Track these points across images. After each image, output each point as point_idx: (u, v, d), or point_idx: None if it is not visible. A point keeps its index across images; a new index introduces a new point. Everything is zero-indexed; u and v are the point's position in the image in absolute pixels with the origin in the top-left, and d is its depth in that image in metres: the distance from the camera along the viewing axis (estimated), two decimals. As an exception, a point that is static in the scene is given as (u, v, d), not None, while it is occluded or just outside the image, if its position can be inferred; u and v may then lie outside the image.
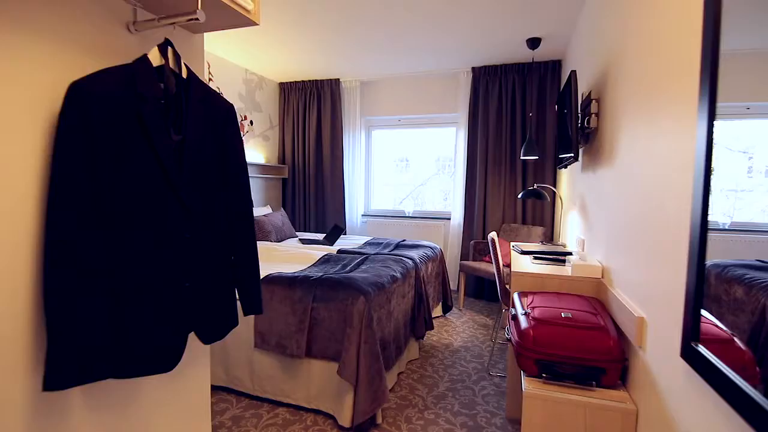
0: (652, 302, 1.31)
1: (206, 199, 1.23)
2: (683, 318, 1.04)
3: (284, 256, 2.95)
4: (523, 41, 3.56)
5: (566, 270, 2.15)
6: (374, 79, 4.74)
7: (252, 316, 2.21)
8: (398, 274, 2.53)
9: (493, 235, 2.72)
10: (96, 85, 0.98)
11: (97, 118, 0.97)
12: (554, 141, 4.05)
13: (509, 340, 1.74)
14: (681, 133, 1.11)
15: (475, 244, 4.11)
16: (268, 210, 4.15)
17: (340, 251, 3.24)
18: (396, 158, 5.15)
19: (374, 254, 3.11)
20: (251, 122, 4.54)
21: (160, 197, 1.09)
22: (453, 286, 4.44)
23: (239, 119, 4.33)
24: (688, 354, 1.01)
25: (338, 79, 4.76)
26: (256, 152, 4.64)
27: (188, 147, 1.17)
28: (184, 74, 1.20)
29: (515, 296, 1.94)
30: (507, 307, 2.67)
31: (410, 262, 2.85)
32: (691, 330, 1.00)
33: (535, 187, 3.15)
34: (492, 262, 3.89)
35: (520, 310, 1.75)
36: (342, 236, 4.14)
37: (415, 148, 5.06)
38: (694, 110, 1.04)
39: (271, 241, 3.69)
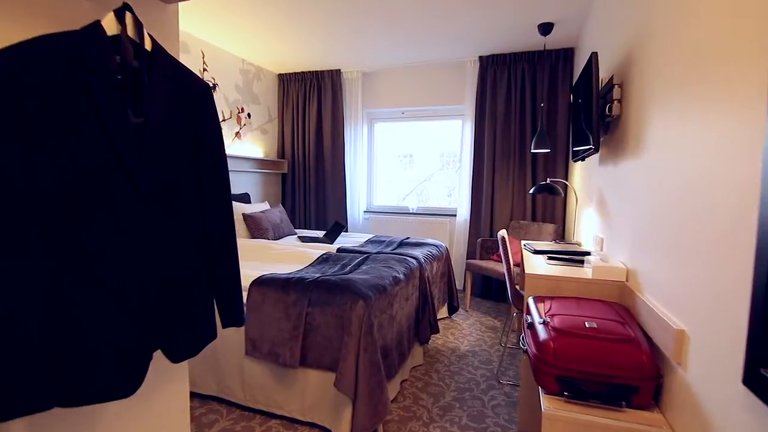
0: (695, 312, 1.12)
1: (174, 192, 1.05)
2: (747, 336, 0.85)
3: (280, 255, 2.78)
4: (535, 27, 3.35)
5: (585, 272, 1.96)
6: (376, 69, 4.55)
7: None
8: (401, 275, 2.35)
9: (503, 233, 2.53)
10: (30, 53, 0.80)
11: (30, 92, 0.79)
12: (566, 133, 3.85)
13: (525, 351, 1.56)
14: (742, 121, 0.92)
15: (482, 241, 3.92)
16: (265, 206, 3.98)
17: (339, 250, 3.07)
18: (399, 152, 4.96)
19: (376, 253, 2.93)
20: (249, 115, 4.36)
21: (112, 187, 0.91)
22: (459, 285, 4.26)
23: (236, 111, 4.16)
24: (755, 381, 0.82)
25: (339, 70, 4.57)
26: (254, 146, 4.47)
27: (152, 131, 0.99)
28: (148, 46, 1.02)
29: (530, 302, 1.75)
30: (518, 311, 2.49)
31: (414, 261, 2.66)
32: (760, 351, 0.82)
33: (547, 181, 2.95)
34: (501, 262, 3.70)
35: (537, 319, 1.56)
36: (343, 234, 3.97)
37: (419, 142, 4.87)
38: (761, 94, 0.84)
39: (268, 239, 3.52)
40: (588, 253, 2.38)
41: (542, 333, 1.45)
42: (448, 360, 2.74)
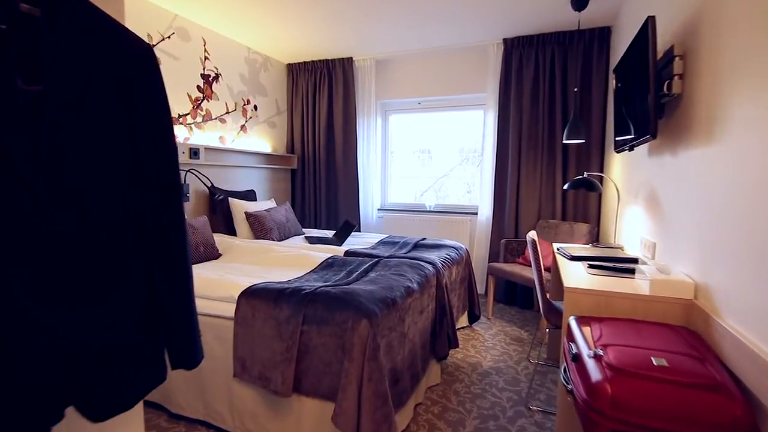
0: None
1: (92, 192, 0.77)
2: None
3: (281, 259, 2.50)
4: (567, 1, 2.97)
5: (638, 285, 1.61)
6: (390, 56, 4.22)
7: (231, 336, 1.77)
8: (415, 285, 2.03)
9: (533, 235, 2.18)
10: None
11: None
12: (601, 121, 3.45)
13: (570, 391, 1.23)
14: None
15: (506, 243, 3.57)
16: (271, 204, 3.73)
17: (347, 253, 2.77)
18: (416, 145, 4.63)
19: (387, 257, 2.62)
20: (255, 107, 4.10)
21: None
22: (480, 289, 3.91)
23: (241, 103, 3.91)
24: None
25: (351, 58, 4.27)
26: (260, 140, 4.22)
27: (54, 103, 0.71)
28: (50, -16, 0.73)
29: (572, 324, 1.42)
30: (551, 325, 2.15)
31: (430, 267, 2.35)
32: None
33: (584, 175, 2.58)
34: (528, 265, 3.34)
35: (585, 349, 1.23)
36: (353, 234, 3.68)
37: (436, 135, 4.53)
38: None
39: (272, 240, 3.26)
40: (635, 261, 2.02)
41: (594, 371, 1.12)
42: (468, 379, 2.42)
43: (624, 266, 1.85)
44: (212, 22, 3.40)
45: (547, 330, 2.20)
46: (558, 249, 2.35)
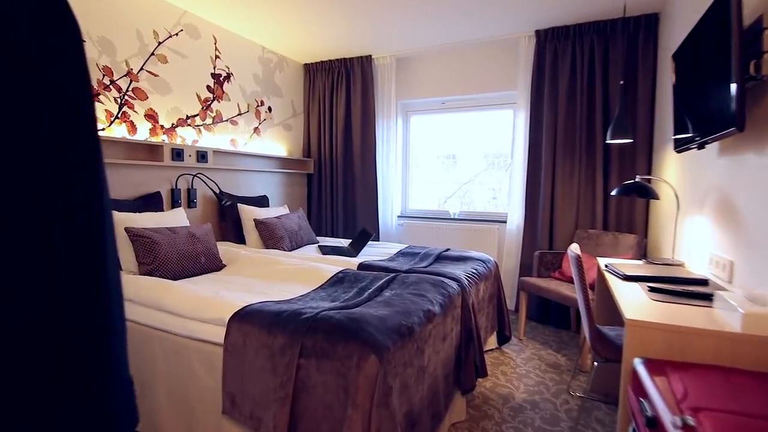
0: None
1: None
2: None
3: (287, 272, 2.25)
4: (612, -17, 2.63)
5: (721, 319, 1.26)
6: (412, 53, 3.95)
7: (219, 361, 1.51)
8: (436, 307, 1.74)
9: (575, 249, 1.85)
10: None
11: None
12: (648, 118, 3.07)
13: (647, 473, 0.91)
14: None
15: (540, 255, 3.21)
16: (283, 211, 3.50)
17: (362, 266, 2.50)
18: (438, 148, 4.33)
19: (406, 271, 2.33)
20: (269, 109, 3.91)
21: None
22: (510, 305, 3.56)
23: (255, 105, 3.72)
24: None
25: (369, 56, 4.02)
26: (275, 143, 4.02)
27: None
28: None
29: (641, 371, 1.09)
30: (600, 358, 1.80)
31: (454, 285, 2.04)
32: None
33: (636, 179, 2.22)
34: (565, 281, 2.97)
35: (666, 414, 0.90)
36: (371, 243, 3.40)
37: (460, 137, 4.21)
38: None
39: (283, 249, 3.02)
40: (704, 282, 1.66)
41: (687, 452, 0.80)
42: (499, 415, 2.09)
43: (696, 290, 1.50)
44: (224, 19, 3.23)
45: (595, 363, 1.86)
46: (607, 266, 2.00)
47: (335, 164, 4.24)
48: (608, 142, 2.78)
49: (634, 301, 1.44)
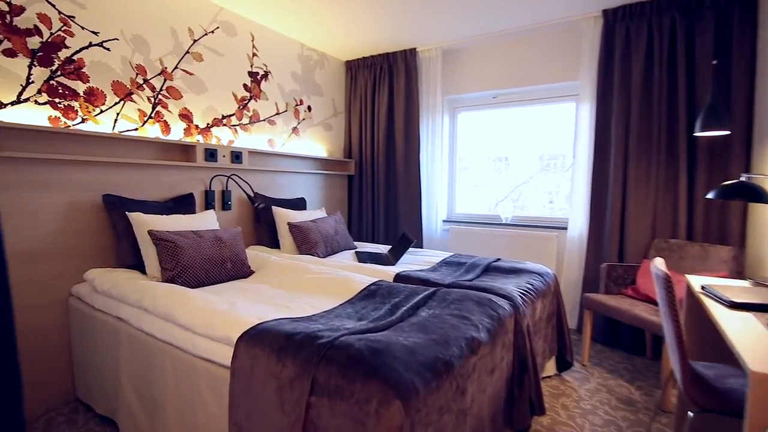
0: None
1: None
2: None
3: (315, 282, 2.03)
4: (704, -57, 2.18)
5: None
6: (459, 44, 3.64)
7: (226, 386, 1.31)
8: (483, 334, 1.43)
9: (661, 266, 1.47)
10: None
11: None
12: (746, 107, 2.54)
13: None
14: None
15: (608, 268, 2.77)
16: (320, 214, 3.31)
17: (398, 277, 2.23)
18: (489, 148, 3.97)
19: (448, 285, 2.03)
20: (309, 108, 3.76)
21: None
22: (570, 323, 3.13)
23: (293, 104, 3.58)
24: None
25: (414, 49, 3.76)
26: (315, 144, 3.86)
27: None
28: None
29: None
30: (695, 407, 1.40)
31: (505, 305, 1.71)
32: None
33: (742, 178, 1.76)
34: (641, 299, 2.52)
35: None
36: (411, 250, 3.12)
37: (513, 134, 3.83)
38: None
39: (317, 255, 2.83)
40: None
41: None
42: (560, 463, 1.73)
43: None
44: (261, 16, 3.11)
45: (689, 413, 1.45)
46: (704, 288, 1.59)
47: (376, 165, 4.01)
48: (697, 134, 2.32)
49: (754, 342, 1.06)
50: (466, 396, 1.24)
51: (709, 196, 1.81)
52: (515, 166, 3.89)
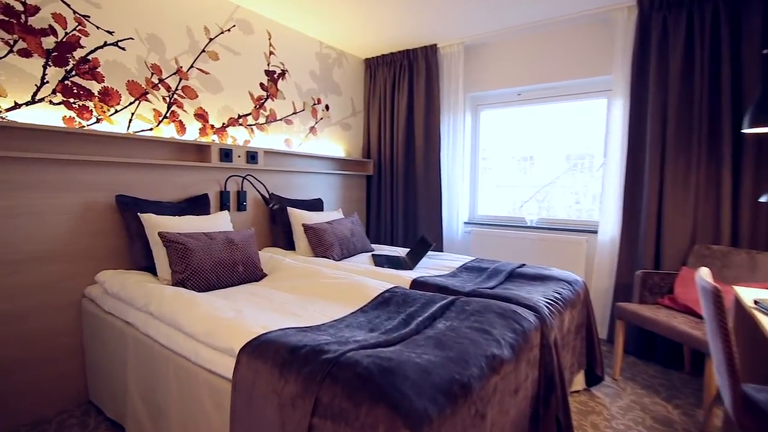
0: None
1: None
2: None
3: (327, 288, 1.94)
4: None
5: None
6: (482, 39, 3.49)
7: (228, 399, 1.23)
8: (505, 351, 1.30)
9: (706, 277, 1.31)
10: None
11: None
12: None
13: None
14: None
15: (643, 276, 2.57)
16: (336, 215, 3.23)
17: (415, 283, 2.11)
18: (514, 147, 3.80)
19: (468, 293, 1.91)
20: (327, 107, 3.69)
21: None
22: (600, 332, 2.94)
23: (311, 103, 3.51)
24: None
25: (434, 45, 3.63)
26: (333, 143, 3.78)
27: None
28: None
29: None
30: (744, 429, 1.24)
31: (531, 318, 1.58)
32: None
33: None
34: (680, 310, 2.32)
35: None
36: (430, 253, 3.00)
37: (540, 134, 3.65)
38: None
39: (332, 258, 2.74)
40: None
41: None
42: (590, 490, 1.58)
43: None
44: (279, 14, 3.05)
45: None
46: (757, 303, 1.41)
47: (396, 165, 3.91)
48: (745, 131, 2.11)
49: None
50: (485, 421, 1.12)
51: (762, 199, 1.62)
52: (540, 166, 3.71)
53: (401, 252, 3.06)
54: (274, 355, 1.17)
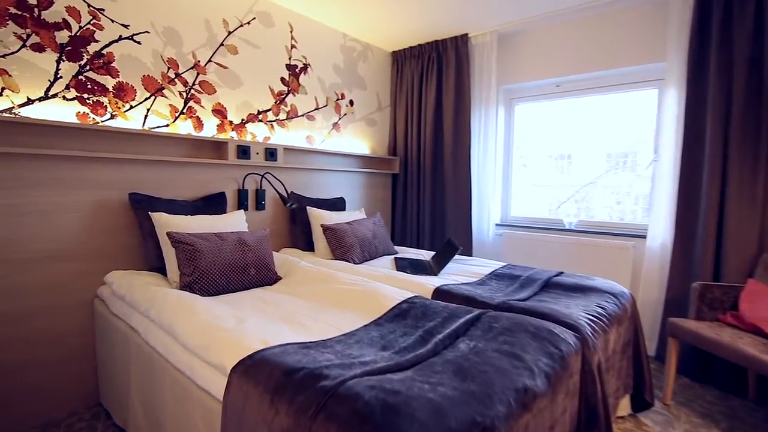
0: None
1: None
2: None
3: (341, 295, 1.79)
4: None
5: None
6: (518, 27, 3.23)
7: (219, 422, 1.09)
8: (539, 381, 1.09)
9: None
10: None
11: None
12: None
13: None
14: None
15: (701, 288, 2.26)
16: (357, 215, 3.07)
17: (438, 292, 1.92)
18: (550, 144, 3.53)
19: (497, 306, 1.70)
20: (351, 102, 3.54)
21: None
22: (649, 350, 2.63)
23: (334, 98, 3.37)
24: None
25: (465, 35, 3.40)
26: (357, 140, 3.64)
27: None
28: None
29: None
30: None
31: (570, 339, 1.35)
32: None
33: None
34: (746, 329, 2.00)
35: None
36: (459, 258, 2.79)
37: (579, 129, 3.36)
38: None
39: (352, 260, 2.59)
40: None
41: None
42: None
43: None
44: (301, 6, 2.93)
45: None
46: None
47: (422, 162, 3.71)
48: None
49: None
50: (513, 470, 0.92)
51: None
52: (579, 164, 3.42)
53: (426, 255, 2.87)
54: (266, 378, 1.02)
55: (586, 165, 3.38)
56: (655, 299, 2.65)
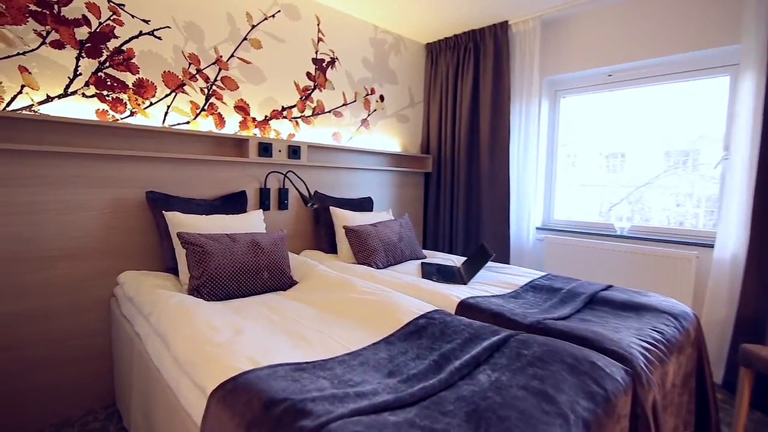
0: None
1: None
2: None
3: (355, 305, 1.63)
4: None
5: None
6: (564, 11, 2.93)
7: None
8: (576, 431, 0.87)
9: None
10: None
11: None
12: None
13: None
14: None
15: (784, 310, 1.90)
16: (383, 216, 2.90)
17: (463, 305, 1.71)
18: (600, 141, 3.19)
19: (530, 326, 1.47)
20: (381, 97, 3.38)
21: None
22: (716, 377, 2.28)
23: (364, 93, 3.23)
24: None
25: (506, 22, 3.14)
26: (387, 137, 3.47)
27: None
28: None
29: None
30: None
31: (619, 375, 1.11)
32: None
33: None
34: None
35: None
36: (491, 265, 2.55)
37: (635, 123, 3.00)
38: None
39: (375, 265, 2.43)
40: None
41: None
42: None
43: None
44: (328, -5, 2.81)
45: None
46: None
47: (456, 161, 3.48)
48: None
49: None
50: None
51: None
52: (634, 163, 3.07)
53: (457, 261, 2.65)
54: (243, 408, 0.88)
55: (641, 164, 3.03)
56: (723, 319, 2.28)
